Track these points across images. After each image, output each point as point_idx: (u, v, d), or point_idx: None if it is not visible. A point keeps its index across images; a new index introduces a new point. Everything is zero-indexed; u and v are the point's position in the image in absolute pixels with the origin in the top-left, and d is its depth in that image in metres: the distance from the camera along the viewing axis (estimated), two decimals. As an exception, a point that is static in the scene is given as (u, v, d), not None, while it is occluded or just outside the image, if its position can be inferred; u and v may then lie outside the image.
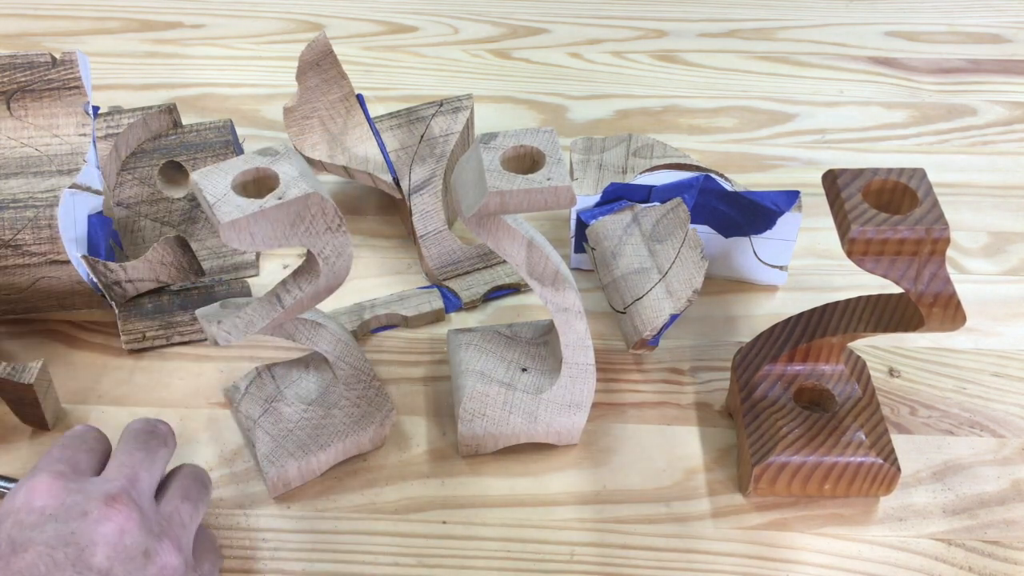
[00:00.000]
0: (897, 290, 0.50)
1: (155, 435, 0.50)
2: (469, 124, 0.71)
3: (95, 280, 0.62)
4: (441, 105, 0.71)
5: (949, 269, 0.48)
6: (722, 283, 0.69)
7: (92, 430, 0.51)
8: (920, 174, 0.49)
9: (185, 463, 0.52)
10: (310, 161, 0.69)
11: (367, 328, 0.66)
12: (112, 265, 0.62)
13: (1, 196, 0.62)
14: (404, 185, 0.68)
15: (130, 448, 0.49)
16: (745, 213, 0.65)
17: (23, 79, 0.65)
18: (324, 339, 0.56)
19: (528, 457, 0.59)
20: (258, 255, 0.71)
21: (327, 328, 0.56)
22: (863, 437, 0.54)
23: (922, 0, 0.97)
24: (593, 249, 0.64)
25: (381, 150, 0.69)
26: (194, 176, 0.47)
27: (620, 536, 0.55)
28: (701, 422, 0.61)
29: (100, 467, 0.49)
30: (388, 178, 0.68)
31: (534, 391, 0.56)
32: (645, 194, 0.65)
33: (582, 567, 0.54)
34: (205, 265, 0.68)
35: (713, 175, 0.67)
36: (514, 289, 0.69)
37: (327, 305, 0.57)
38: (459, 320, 0.67)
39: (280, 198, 0.46)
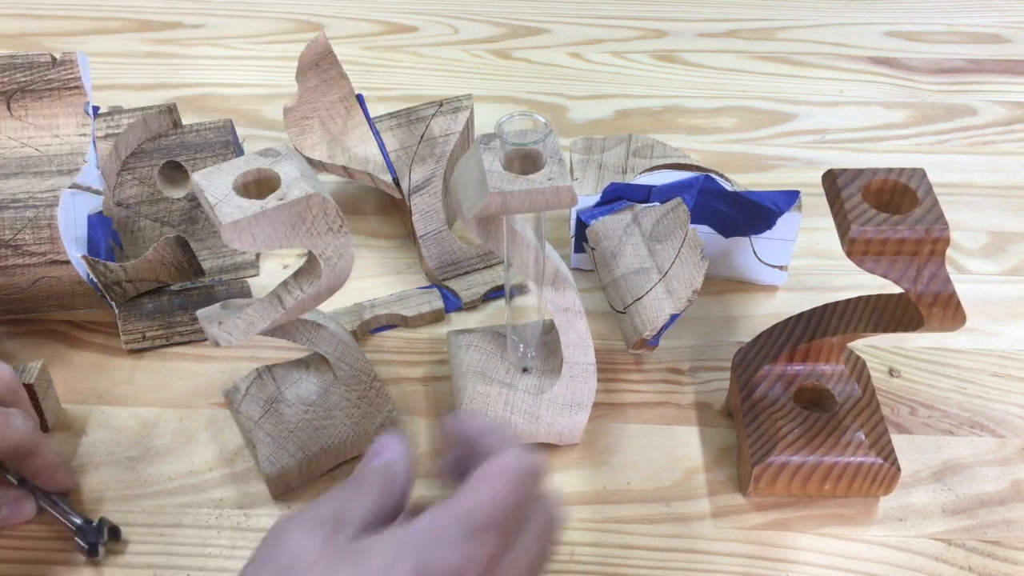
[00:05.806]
0: (897, 290, 0.50)
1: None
2: (469, 124, 0.71)
3: (95, 280, 0.62)
4: (441, 105, 0.71)
5: (949, 269, 0.48)
6: (722, 283, 0.69)
7: (390, 473, 0.42)
8: (920, 174, 0.49)
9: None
10: (310, 161, 0.69)
11: (367, 328, 0.66)
12: (112, 265, 0.62)
13: (1, 196, 0.62)
14: (404, 185, 0.68)
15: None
16: (745, 213, 0.65)
17: (23, 79, 0.65)
18: (324, 340, 0.56)
19: (528, 457, 0.59)
20: (258, 255, 0.71)
21: (327, 329, 0.56)
22: (863, 437, 0.54)
23: (922, 0, 0.97)
24: (593, 249, 0.64)
25: (381, 150, 0.69)
26: (195, 177, 0.47)
27: (620, 536, 0.55)
28: (701, 422, 0.61)
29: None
30: (388, 178, 0.68)
31: (535, 391, 0.56)
32: (645, 194, 0.65)
33: (582, 567, 0.54)
34: (205, 265, 0.67)
35: (713, 175, 0.67)
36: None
37: (327, 305, 0.57)
38: (459, 320, 0.67)
39: (281, 199, 0.46)
